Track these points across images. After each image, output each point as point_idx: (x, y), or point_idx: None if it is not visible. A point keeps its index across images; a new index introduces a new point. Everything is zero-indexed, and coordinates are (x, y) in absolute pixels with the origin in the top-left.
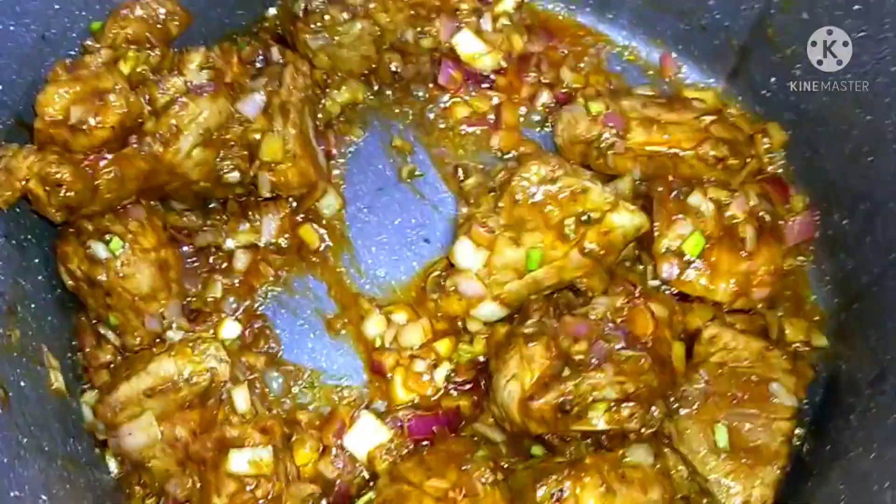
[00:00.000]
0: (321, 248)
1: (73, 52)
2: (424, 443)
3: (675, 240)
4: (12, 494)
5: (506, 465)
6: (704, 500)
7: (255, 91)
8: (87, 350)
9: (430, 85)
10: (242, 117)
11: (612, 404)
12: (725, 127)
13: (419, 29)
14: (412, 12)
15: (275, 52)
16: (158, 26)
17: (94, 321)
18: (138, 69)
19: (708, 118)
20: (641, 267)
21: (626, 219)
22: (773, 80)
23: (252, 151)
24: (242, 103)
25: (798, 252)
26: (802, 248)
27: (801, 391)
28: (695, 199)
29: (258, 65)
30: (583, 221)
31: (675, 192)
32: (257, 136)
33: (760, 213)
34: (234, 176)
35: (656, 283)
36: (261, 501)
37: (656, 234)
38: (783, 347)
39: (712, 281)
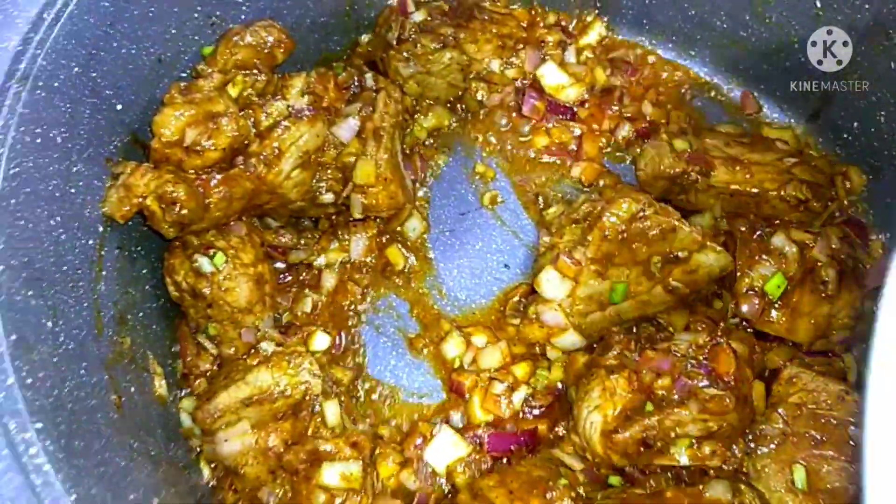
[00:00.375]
0: (405, 269)
1: (184, 74)
2: (503, 461)
3: (758, 280)
4: (131, 497)
5: (585, 495)
6: None
7: (349, 116)
8: (189, 359)
9: (514, 114)
10: (337, 141)
11: (695, 441)
12: (808, 169)
13: (505, 59)
14: (499, 43)
15: (368, 79)
16: (265, 52)
17: (194, 331)
18: (245, 93)
19: (791, 160)
20: (720, 303)
21: (713, 259)
22: (855, 124)
23: (346, 174)
24: (338, 127)
25: (875, 296)
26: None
27: None
28: (778, 240)
29: (353, 90)
30: (670, 260)
31: (758, 233)
32: (351, 160)
33: (842, 257)
34: (329, 197)
35: (736, 320)
36: None
37: (738, 273)
38: (861, 391)
39: (793, 322)
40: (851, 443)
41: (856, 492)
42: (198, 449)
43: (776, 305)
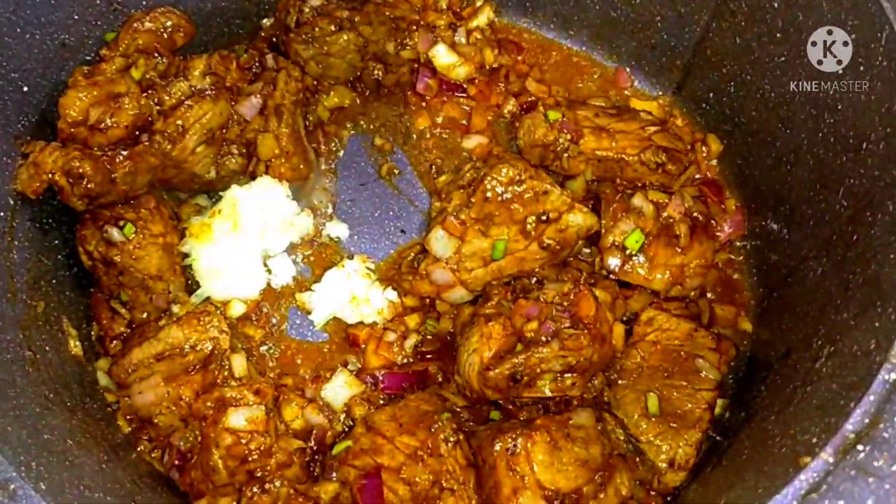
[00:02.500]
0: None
1: (89, 58)
2: (396, 398)
3: (620, 236)
4: (45, 436)
5: (466, 430)
6: (637, 458)
7: (251, 94)
8: (104, 322)
9: (409, 92)
10: (241, 118)
11: (557, 375)
12: (667, 137)
13: (399, 41)
14: (393, 25)
15: (269, 60)
16: (165, 37)
17: (108, 297)
18: (147, 75)
19: (652, 128)
20: (591, 259)
21: (580, 219)
22: (711, 95)
23: (250, 149)
24: (241, 105)
25: (731, 248)
26: (734, 245)
27: (724, 366)
28: (637, 200)
29: (254, 71)
30: (543, 220)
31: (620, 194)
32: (254, 135)
33: (695, 214)
34: (235, 166)
35: (603, 272)
36: (254, 452)
37: (603, 230)
38: (711, 329)
39: (650, 272)
40: (698, 373)
41: (700, 414)
42: (116, 405)
43: (635, 258)
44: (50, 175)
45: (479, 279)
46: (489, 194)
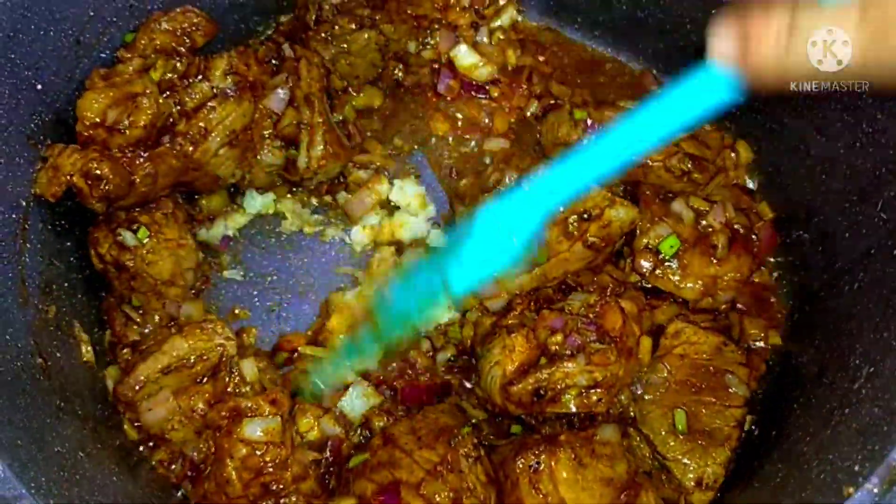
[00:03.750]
0: None
1: (105, 55)
2: (415, 410)
3: (654, 239)
4: (56, 449)
5: (487, 444)
6: (663, 476)
7: (277, 87)
8: (117, 328)
9: (430, 93)
10: (271, 112)
11: (582, 390)
12: (695, 144)
13: (420, 40)
14: (415, 24)
15: (287, 49)
16: (185, 36)
17: (120, 302)
18: (167, 76)
19: (680, 134)
20: (623, 262)
21: (622, 212)
22: (741, 99)
23: (287, 142)
24: (268, 100)
25: (763, 262)
26: (766, 258)
27: (753, 382)
28: (677, 205)
29: (274, 63)
30: (585, 219)
31: (660, 197)
32: (291, 130)
33: (735, 226)
34: (272, 162)
35: (636, 277)
36: (269, 465)
37: (638, 231)
38: (741, 344)
39: (682, 280)
40: (727, 388)
41: (730, 432)
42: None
43: (668, 264)
44: (69, 177)
45: (524, 286)
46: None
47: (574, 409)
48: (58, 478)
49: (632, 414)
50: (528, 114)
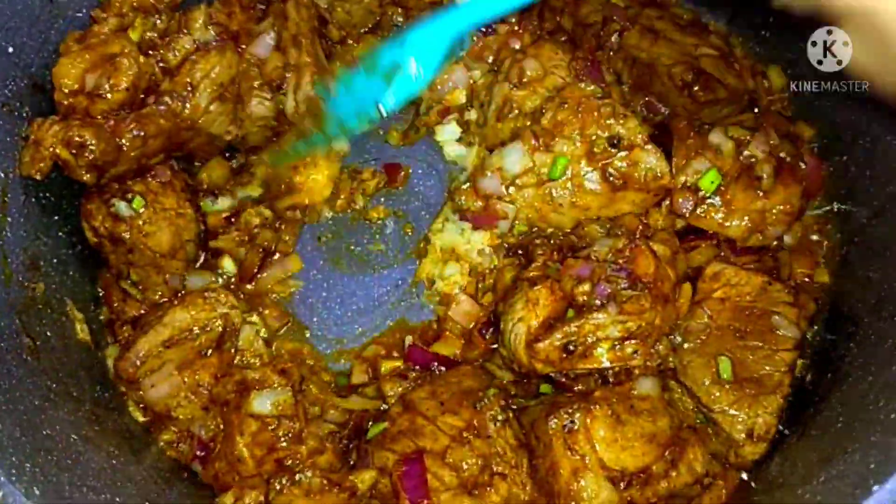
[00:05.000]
0: None
1: (79, 14)
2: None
3: (693, 175)
4: (45, 432)
5: (515, 406)
6: (710, 430)
7: (262, 32)
8: (115, 305)
9: None
10: (257, 60)
11: (616, 342)
12: (720, 66)
13: None
14: None
15: None
16: None
17: (117, 278)
18: (147, 35)
19: (707, 49)
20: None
21: (654, 160)
22: (771, 19)
23: (274, 86)
24: (253, 46)
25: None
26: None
27: (803, 322)
28: (715, 136)
29: (261, 8)
30: (613, 144)
31: (696, 129)
32: (277, 73)
33: (781, 154)
34: (264, 114)
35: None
36: (282, 439)
37: (674, 169)
38: (787, 283)
39: (727, 217)
40: (775, 331)
41: (780, 378)
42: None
43: (710, 201)
44: (52, 150)
45: (528, 201)
46: (569, 101)
47: (608, 364)
48: (45, 463)
49: (671, 365)
50: None
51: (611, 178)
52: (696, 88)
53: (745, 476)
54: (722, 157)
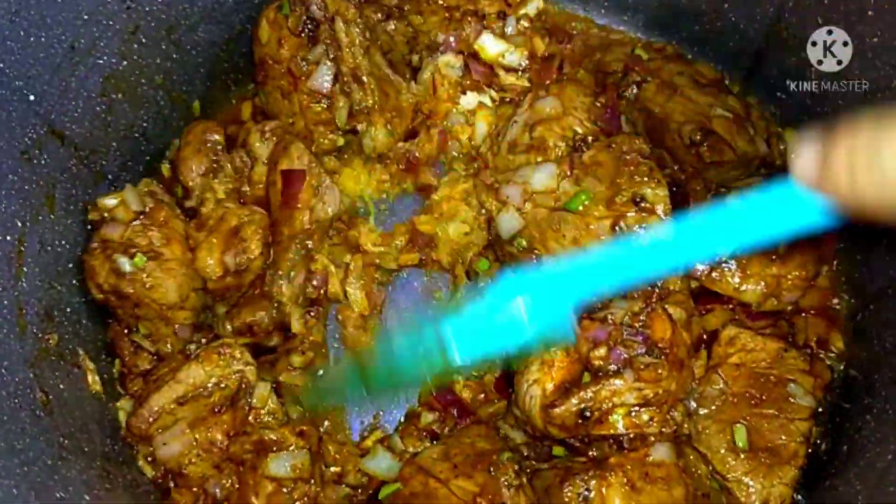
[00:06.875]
0: None
1: (100, 62)
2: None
3: None
4: (57, 495)
5: (529, 470)
6: (724, 498)
7: (319, 63)
8: (126, 358)
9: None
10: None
11: (632, 409)
12: (733, 129)
13: (451, 32)
14: (446, 15)
15: (315, 10)
16: None
17: (127, 331)
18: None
19: (723, 111)
20: None
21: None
22: (787, 82)
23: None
24: (313, 81)
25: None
26: (832, 254)
27: (819, 391)
28: (731, 200)
29: (308, 28)
30: (636, 202)
31: (711, 192)
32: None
33: None
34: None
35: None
36: (297, 502)
37: None
38: (802, 350)
39: (743, 281)
40: (791, 399)
41: (796, 448)
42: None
43: (726, 264)
44: None
45: (536, 220)
46: (614, 146)
47: (623, 430)
48: None
49: (686, 431)
50: None
51: (617, 231)
52: (703, 148)
53: None
54: None
